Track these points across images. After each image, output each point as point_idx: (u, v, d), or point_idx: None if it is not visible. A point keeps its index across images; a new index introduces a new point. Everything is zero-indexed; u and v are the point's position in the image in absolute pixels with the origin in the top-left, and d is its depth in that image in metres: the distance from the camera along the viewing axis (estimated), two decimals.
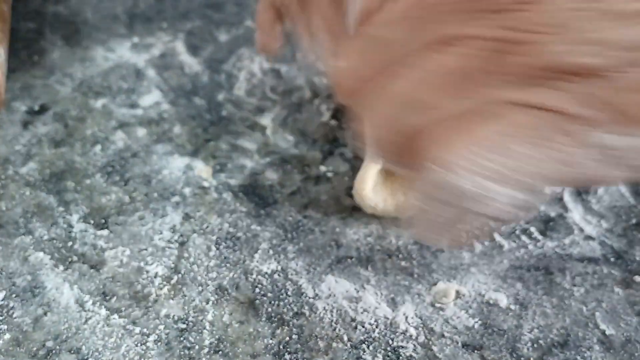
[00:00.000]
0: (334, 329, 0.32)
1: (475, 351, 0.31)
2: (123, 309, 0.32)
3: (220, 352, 0.31)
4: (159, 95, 0.44)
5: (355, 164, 0.39)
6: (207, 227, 0.36)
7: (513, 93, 0.22)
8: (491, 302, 0.33)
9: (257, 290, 0.33)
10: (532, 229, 0.36)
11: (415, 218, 0.26)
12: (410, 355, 0.31)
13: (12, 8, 0.44)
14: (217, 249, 0.35)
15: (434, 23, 0.23)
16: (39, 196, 0.37)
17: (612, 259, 0.35)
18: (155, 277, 0.34)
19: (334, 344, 0.31)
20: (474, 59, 0.22)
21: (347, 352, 0.31)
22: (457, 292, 0.33)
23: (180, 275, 0.34)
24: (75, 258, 0.34)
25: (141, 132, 0.41)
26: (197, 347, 0.31)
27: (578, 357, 0.31)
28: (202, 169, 0.39)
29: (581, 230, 0.37)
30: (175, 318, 0.32)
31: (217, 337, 0.31)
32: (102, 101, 0.43)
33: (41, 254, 0.35)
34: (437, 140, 0.23)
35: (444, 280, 0.34)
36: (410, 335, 0.32)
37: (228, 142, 0.41)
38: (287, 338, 0.32)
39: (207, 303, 0.33)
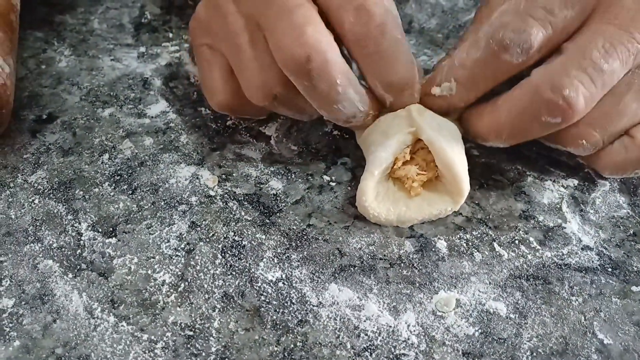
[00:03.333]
0: (337, 337, 0.32)
1: (475, 359, 0.32)
2: (131, 316, 0.33)
3: (226, 359, 0.31)
4: (165, 105, 0.44)
5: (358, 174, 0.40)
6: (213, 235, 0.37)
7: None
8: (491, 311, 0.34)
9: (262, 298, 0.34)
10: (531, 239, 0.37)
11: None
12: None
13: (20, 17, 0.45)
14: (223, 257, 0.36)
15: None
16: (47, 204, 0.38)
17: (610, 269, 0.36)
18: (162, 284, 0.34)
19: (337, 352, 0.32)
20: None
21: (350, 359, 0.32)
22: (458, 301, 0.34)
23: (187, 283, 0.34)
24: (84, 266, 0.35)
25: (148, 141, 0.42)
26: (203, 354, 0.32)
27: None
28: (208, 178, 0.40)
29: (579, 240, 0.37)
30: (183, 325, 0.33)
31: (223, 344, 0.32)
32: (110, 110, 0.44)
33: (50, 261, 0.35)
34: None
35: (445, 289, 0.34)
36: (412, 343, 0.32)
37: (233, 152, 0.41)
38: (292, 345, 0.32)
39: (214, 310, 0.33)
